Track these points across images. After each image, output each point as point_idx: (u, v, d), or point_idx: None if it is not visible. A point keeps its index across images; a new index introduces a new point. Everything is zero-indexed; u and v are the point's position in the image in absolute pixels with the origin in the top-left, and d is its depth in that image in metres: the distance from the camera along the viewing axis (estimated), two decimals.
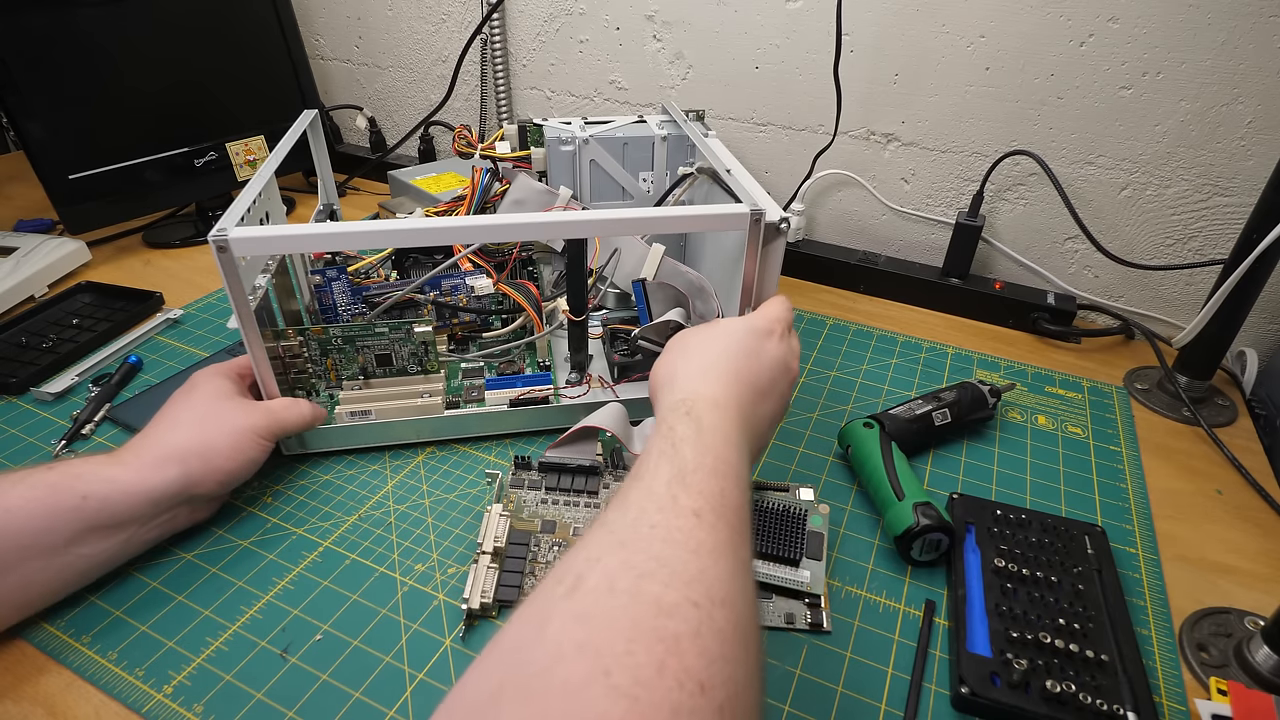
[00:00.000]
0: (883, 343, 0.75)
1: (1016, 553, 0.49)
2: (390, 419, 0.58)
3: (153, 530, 0.48)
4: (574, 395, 0.62)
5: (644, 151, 0.70)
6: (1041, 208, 0.79)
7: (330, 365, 0.60)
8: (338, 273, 0.63)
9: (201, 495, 0.49)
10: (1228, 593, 0.50)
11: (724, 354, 0.44)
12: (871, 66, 0.79)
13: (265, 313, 0.56)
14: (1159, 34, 0.67)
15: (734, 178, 0.55)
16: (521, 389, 0.61)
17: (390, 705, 0.41)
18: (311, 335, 0.58)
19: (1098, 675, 0.42)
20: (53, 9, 0.76)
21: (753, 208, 0.50)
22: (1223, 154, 0.69)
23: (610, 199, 0.71)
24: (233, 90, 0.93)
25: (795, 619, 0.46)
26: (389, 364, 0.61)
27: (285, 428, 0.53)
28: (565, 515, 0.51)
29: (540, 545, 0.49)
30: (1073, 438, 0.63)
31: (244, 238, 0.47)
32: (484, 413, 0.60)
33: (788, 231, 0.50)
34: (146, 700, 0.41)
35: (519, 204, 0.67)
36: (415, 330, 0.59)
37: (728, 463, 0.36)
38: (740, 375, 0.43)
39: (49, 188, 0.80)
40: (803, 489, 0.54)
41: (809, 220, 0.91)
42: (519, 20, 0.97)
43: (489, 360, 0.66)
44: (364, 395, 0.60)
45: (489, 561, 0.47)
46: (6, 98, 0.76)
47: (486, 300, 0.65)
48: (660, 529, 0.31)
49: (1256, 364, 0.71)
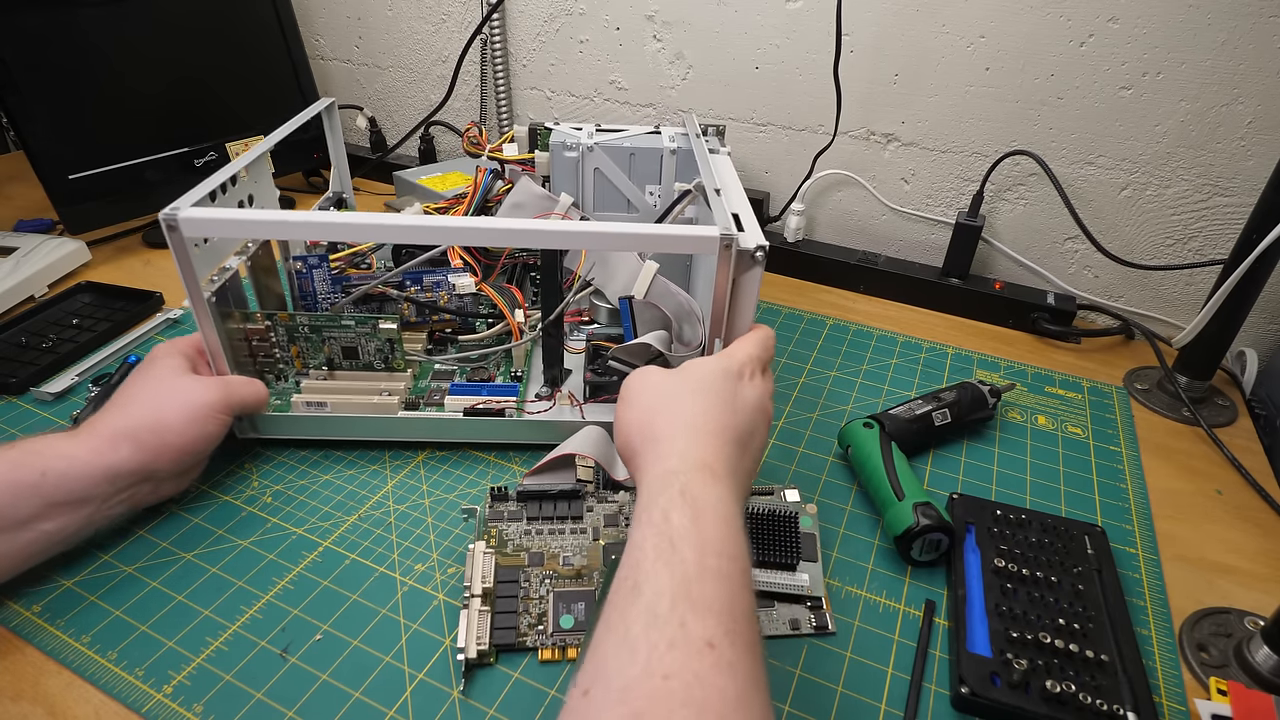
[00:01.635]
0: (883, 343, 0.75)
1: (1016, 553, 0.49)
2: (345, 414, 0.57)
3: (116, 506, 0.48)
4: (537, 410, 0.59)
5: (652, 164, 0.67)
6: (1041, 208, 0.79)
7: (296, 353, 0.60)
8: (319, 260, 0.62)
9: (160, 471, 0.49)
10: (1228, 593, 0.50)
11: (708, 408, 0.40)
12: (871, 66, 0.79)
13: (233, 294, 0.57)
14: (1159, 34, 0.67)
15: (720, 198, 0.51)
16: (484, 398, 0.58)
17: (390, 705, 0.41)
18: (279, 321, 0.58)
19: (1098, 675, 0.42)
20: (52, 9, 0.76)
21: (723, 231, 0.45)
22: (1223, 154, 0.69)
23: (615, 210, 0.69)
24: (233, 90, 0.93)
25: (800, 624, 0.46)
26: (355, 357, 0.60)
27: (242, 404, 0.53)
28: (552, 545, 0.49)
29: (530, 580, 0.46)
30: (1073, 438, 0.63)
31: (193, 218, 0.47)
32: (438, 418, 0.58)
33: (764, 260, 0.46)
34: (146, 700, 0.41)
35: (518, 207, 0.67)
36: (380, 326, 0.58)
37: (732, 557, 0.33)
38: (726, 431, 0.40)
39: (49, 188, 0.80)
40: (788, 490, 0.54)
41: (809, 220, 0.91)
42: (519, 20, 0.97)
43: (462, 364, 0.64)
44: (325, 387, 0.60)
45: (480, 605, 0.44)
46: (6, 98, 0.76)
47: (469, 301, 0.64)
48: (676, 680, 0.27)
49: (1256, 364, 0.71)
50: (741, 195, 0.54)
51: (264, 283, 0.63)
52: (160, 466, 0.49)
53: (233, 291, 0.57)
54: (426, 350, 0.66)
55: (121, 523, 0.52)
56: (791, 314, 0.79)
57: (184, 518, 0.53)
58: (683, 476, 0.36)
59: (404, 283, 0.65)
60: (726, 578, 0.32)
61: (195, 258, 0.49)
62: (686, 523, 0.33)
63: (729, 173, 0.59)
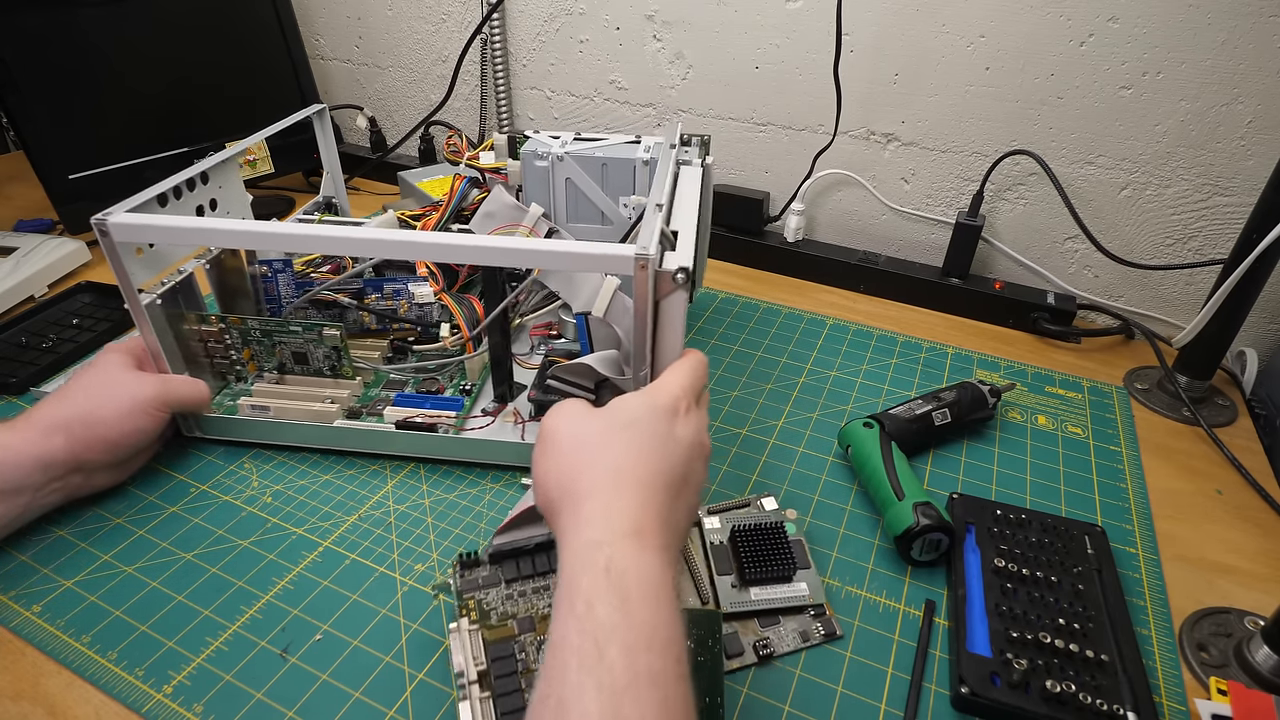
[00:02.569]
0: (883, 343, 0.75)
1: (1016, 553, 0.49)
2: (285, 419, 0.58)
3: (50, 495, 0.50)
4: (476, 428, 0.57)
5: (625, 175, 0.64)
6: (1041, 207, 0.79)
7: (249, 355, 0.60)
8: (283, 264, 0.63)
9: (91, 463, 0.50)
10: (1228, 593, 0.50)
11: (637, 451, 0.37)
12: (871, 66, 0.79)
13: (185, 296, 0.58)
14: (1159, 34, 0.67)
15: (657, 214, 0.47)
16: (423, 411, 0.57)
17: (390, 705, 0.41)
18: (231, 324, 0.59)
19: (1098, 675, 0.42)
20: (52, 9, 0.76)
21: (638, 251, 0.41)
22: (1223, 154, 0.69)
23: (588, 222, 0.67)
24: (233, 90, 0.93)
25: (809, 635, 0.45)
26: (306, 363, 0.61)
27: (181, 402, 0.55)
28: (540, 605, 0.44)
29: (526, 650, 0.42)
30: (1073, 438, 0.63)
31: (124, 223, 0.49)
32: (372, 430, 0.57)
33: (686, 283, 0.42)
34: (146, 700, 0.41)
35: (490, 216, 0.65)
36: (325, 333, 0.59)
37: (664, 645, 0.30)
38: (657, 478, 0.36)
39: (49, 188, 0.80)
40: (764, 499, 0.53)
41: (809, 220, 0.91)
42: (519, 20, 0.97)
43: (416, 374, 0.63)
44: (273, 391, 0.60)
45: (479, 692, 0.39)
46: (6, 98, 0.76)
47: (429, 310, 0.64)
48: None
49: (1256, 364, 0.71)
50: (693, 213, 0.51)
51: (234, 284, 0.63)
52: (92, 458, 0.50)
53: (185, 293, 0.58)
54: (386, 359, 0.65)
55: (122, 523, 0.52)
56: (791, 314, 0.79)
57: (184, 518, 0.53)
58: (607, 549, 0.32)
59: (364, 290, 0.65)
60: (659, 679, 0.29)
61: (136, 261, 0.52)
62: (614, 615, 0.30)
63: (691, 187, 0.56)
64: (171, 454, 0.58)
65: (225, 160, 0.62)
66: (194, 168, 0.58)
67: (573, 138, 0.66)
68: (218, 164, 0.61)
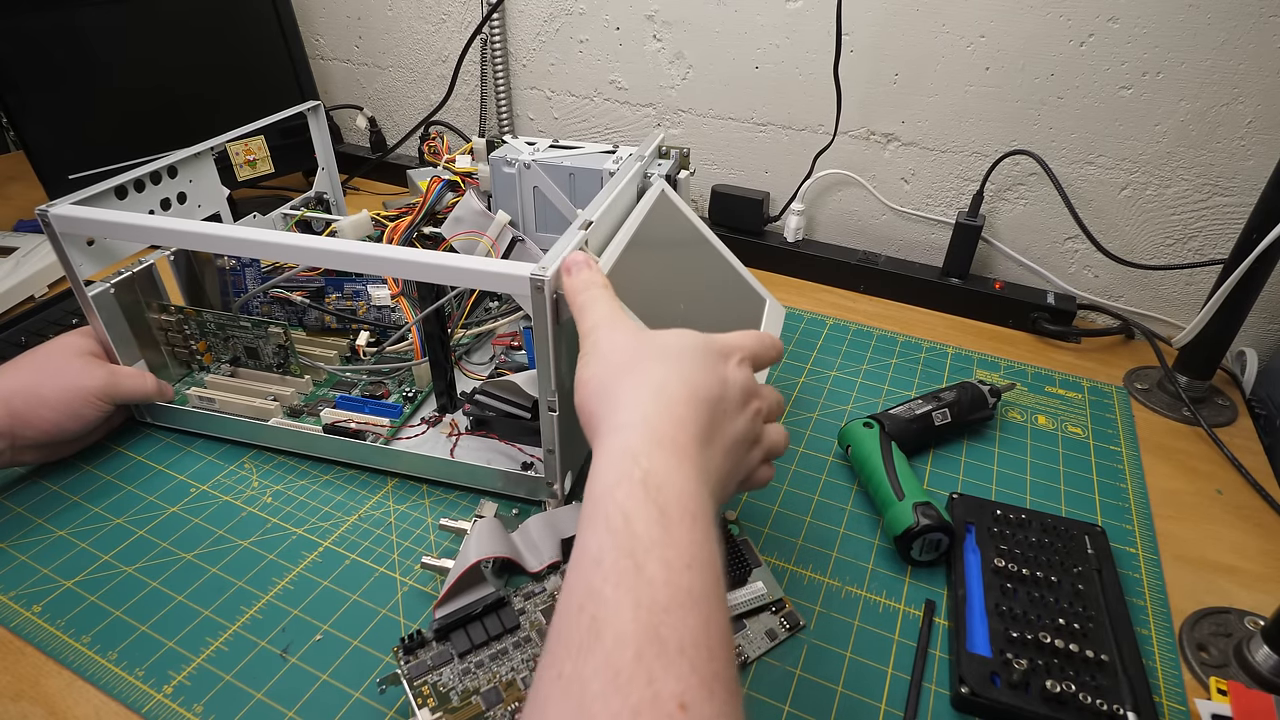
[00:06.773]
0: (883, 343, 0.75)
1: (1016, 553, 0.49)
2: (228, 414, 0.58)
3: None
4: (407, 437, 0.56)
5: (593, 185, 0.62)
6: (1041, 207, 0.79)
7: (204, 348, 0.61)
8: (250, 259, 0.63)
9: (23, 439, 0.51)
10: (1228, 593, 0.50)
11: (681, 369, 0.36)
12: (871, 66, 0.79)
13: (142, 286, 0.59)
14: (1159, 34, 0.67)
15: (579, 234, 0.45)
16: (357, 415, 0.56)
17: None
18: (187, 316, 0.60)
19: (1098, 675, 0.42)
20: (53, 9, 0.76)
21: (533, 272, 0.41)
22: (1223, 154, 0.69)
23: (556, 231, 0.64)
24: (233, 90, 0.93)
25: (776, 632, 0.45)
26: (258, 358, 0.61)
27: (127, 395, 0.56)
28: (502, 672, 0.41)
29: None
30: (1073, 438, 0.63)
31: (65, 215, 0.50)
32: (302, 431, 0.56)
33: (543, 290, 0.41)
34: (146, 700, 0.41)
35: (458, 221, 0.64)
36: (269, 330, 0.59)
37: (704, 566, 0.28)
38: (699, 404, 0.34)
39: (49, 188, 0.80)
40: None
41: (809, 220, 0.91)
42: (519, 20, 0.97)
43: (365, 376, 0.63)
44: (223, 383, 0.61)
45: None
46: (6, 98, 0.76)
47: (387, 311, 0.63)
48: None
49: (1256, 364, 0.71)
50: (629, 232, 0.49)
51: (202, 276, 0.64)
52: (24, 434, 0.51)
53: (142, 284, 0.59)
54: (345, 358, 0.65)
55: (122, 523, 0.52)
56: (791, 314, 0.79)
57: (184, 518, 0.53)
58: (644, 459, 0.31)
59: (325, 289, 0.65)
60: (701, 600, 0.27)
61: (86, 252, 0.53)
62: (652, 529, 0.29)
63: (643, 205, 0.54)
64: (171, 454, 0.58)
65: (196, 155, 0.63)
66: (158, 161, 0.59)
67: (548, 144, 0.66)
68: (187, 158, 0.62)
